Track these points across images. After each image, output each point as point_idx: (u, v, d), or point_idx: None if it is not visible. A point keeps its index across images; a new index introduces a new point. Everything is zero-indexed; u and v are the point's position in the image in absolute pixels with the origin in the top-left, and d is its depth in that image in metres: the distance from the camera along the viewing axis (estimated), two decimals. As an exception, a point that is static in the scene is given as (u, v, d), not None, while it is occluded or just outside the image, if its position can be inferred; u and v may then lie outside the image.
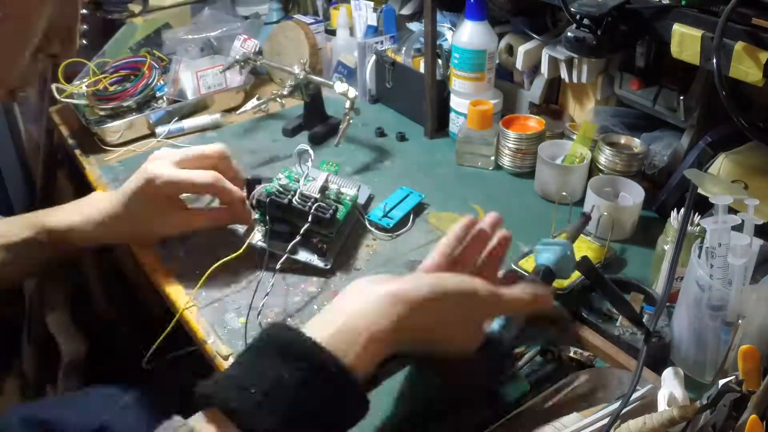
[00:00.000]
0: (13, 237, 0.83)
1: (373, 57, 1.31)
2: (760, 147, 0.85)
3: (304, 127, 1.24)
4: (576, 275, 0.82)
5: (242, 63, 1.24)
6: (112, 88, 1.24)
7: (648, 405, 0.62)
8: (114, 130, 1.20)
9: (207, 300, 0.84)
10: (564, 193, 0.96)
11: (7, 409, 0.86)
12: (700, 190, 0.73)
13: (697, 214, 0.79)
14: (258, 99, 1.32)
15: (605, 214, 0.89)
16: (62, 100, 1.23)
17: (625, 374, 0.68)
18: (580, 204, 0.97)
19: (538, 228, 0.95)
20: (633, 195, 0.94)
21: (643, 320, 0.75)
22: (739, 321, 0.64)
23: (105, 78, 1.25)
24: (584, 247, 0.90)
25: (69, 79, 1.25)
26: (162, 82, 1.29)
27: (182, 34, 1.38)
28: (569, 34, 0.87)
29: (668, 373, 0.62)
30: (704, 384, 0.71)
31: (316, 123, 1.23)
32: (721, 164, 0.86)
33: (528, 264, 0.87)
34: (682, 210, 0.79)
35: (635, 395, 0.62)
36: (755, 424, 0.52)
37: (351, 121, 1.09)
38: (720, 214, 0.65)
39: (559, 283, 0.81)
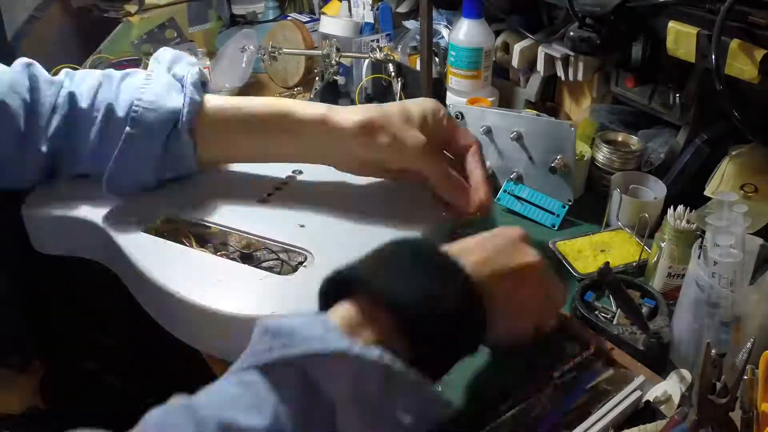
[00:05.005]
0: None
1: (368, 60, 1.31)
2: (763, 146, 0.85)
3: None
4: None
5: (266, 52, 1.29)
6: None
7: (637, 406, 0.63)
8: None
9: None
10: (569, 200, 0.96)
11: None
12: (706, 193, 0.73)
13: (689, 208, 0.79)
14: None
15: (645, 215, 0.86)
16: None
17: (624, 373, 0.68)
18: (578, 202, 0.97)
19: (535, 226, 0.95)
20: (654, 190, 0.93)
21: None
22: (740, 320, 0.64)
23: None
24: (624, 242, 0.89)
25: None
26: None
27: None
28: (572, 33, 0.87)
29: (676, 375, 0.63)
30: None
31: (335, 100, 1.33)
32: (726, 167, 0.86)
33: (564, 246, 0.89)
34: (680, 208, 0.80)
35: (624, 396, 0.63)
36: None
37: (401, 82, 1.24)
38: (726, 212, 0.66)
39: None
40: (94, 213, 0.79)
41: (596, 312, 0.78)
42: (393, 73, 1.24)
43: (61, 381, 1.23)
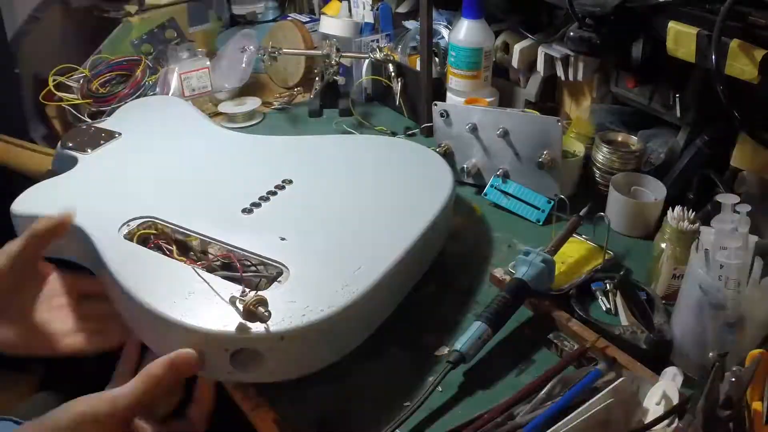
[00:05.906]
0: None
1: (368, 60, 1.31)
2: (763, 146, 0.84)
3: (324, 106, 1.33)
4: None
5: (266, 52, 1.29)
6: (104, 90, 1.23)
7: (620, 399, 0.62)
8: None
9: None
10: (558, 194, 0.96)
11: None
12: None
13: (692, 210, 0.79)
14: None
15: (608, 217, 0.86)
16: (57, 93, 1.23)
17: (624, 373, 0.68)
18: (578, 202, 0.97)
19: (533, 225, 0.95)
20: (653, 191, 0.93)
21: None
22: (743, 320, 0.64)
23: (99, 77, 1.25)
24: (578, 249, 0.88)
25: (64, 75, 1.25)
26: (151, 81, 1.27)
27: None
28: (572, 33, 0.87)
29: (669, 371, 0.63)
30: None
31: (335, 100, 1.32)
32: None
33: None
34: (677, 208, 0.80)
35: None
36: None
37: (402, 82, 1.24)
38: (729, 214, 0.65)
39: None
40: (78, 215, 0.77)
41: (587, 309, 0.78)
42: (393, 73, 1.24)
43: (61, 381, 1.23)
